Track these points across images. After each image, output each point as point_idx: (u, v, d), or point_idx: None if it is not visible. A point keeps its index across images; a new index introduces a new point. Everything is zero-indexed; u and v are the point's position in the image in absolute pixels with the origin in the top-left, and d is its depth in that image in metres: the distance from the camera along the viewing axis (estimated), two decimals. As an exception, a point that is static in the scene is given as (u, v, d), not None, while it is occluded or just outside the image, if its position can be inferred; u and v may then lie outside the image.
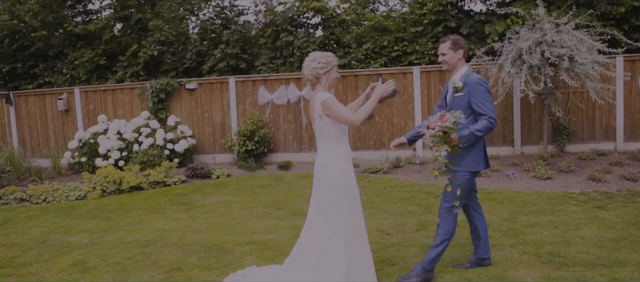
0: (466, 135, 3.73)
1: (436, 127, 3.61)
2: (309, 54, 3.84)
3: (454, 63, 3.98)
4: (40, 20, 11.69)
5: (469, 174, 3.93)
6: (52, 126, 11.45)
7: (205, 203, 7.31)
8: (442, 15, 10.37)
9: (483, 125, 3.74)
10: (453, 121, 3.59)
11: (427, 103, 9.93)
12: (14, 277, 4.77)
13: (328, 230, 3.75)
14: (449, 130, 3.61)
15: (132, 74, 11.84)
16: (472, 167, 3.93)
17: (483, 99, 3.79)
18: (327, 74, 3.77)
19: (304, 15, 11.42)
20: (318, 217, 3.84)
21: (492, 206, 6.20)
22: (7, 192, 8.12)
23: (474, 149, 3.91)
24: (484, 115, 3.76)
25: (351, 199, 3.81)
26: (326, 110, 3.69)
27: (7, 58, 12.29)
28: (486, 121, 3.75)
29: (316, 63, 3.75)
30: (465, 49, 3.96)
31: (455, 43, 3.95)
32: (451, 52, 3.94)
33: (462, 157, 3.85)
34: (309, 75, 3.78)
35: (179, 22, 11.72)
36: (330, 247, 3.74)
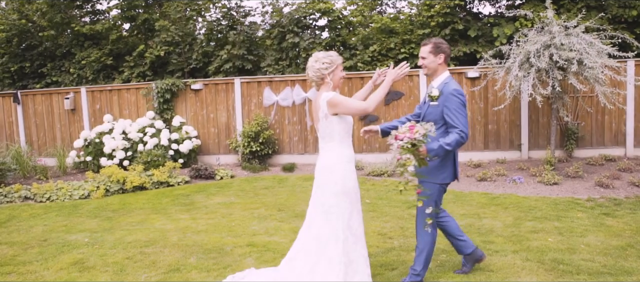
0: (435, 149, 3.57)
1: (405, 139, 3.44)
2: (313, 55, 3.77)
3: (434, 68, 3.81)
4: (48, 20, 11.76)
5: (437, 186, 3.80)
6: (59, 125, 11.50)
7: (208, 204, 7.28)
8: (449, 17, 10.28)
9: (453, 139, 3.57)
10: (423, 133, 3.44)
11: (433, 106, 9.81)
12: (13, 275, 4.76)
13: (326, 232, 3.69)
14: (418, 143, 3.45)
15: (139, 74, 11.87)
16: (440, 180, 3.80)
17: (456, 111, 3.62)
18: (332, 73, 3.71)
19: (310, 17, 11.39)
20: (317, 219, 3.78)
21: (496, 211, 6.10)
22: (12, 190, 8.16)
23: (443, 160, 3.77)
24: (455, 128, 3.60)
25: (352, 202, 3.74)
26: (334, 107, 3.61)
27: (16, 57, 12.38)
28: (457, 135, 3.58)
29: (320, 63, 3.69)
30: (446, 53, 3.80)
31: (436, 47, 3.80)
32: (431, 57, 3.79)
33: (430, 168, 3.73)
34: (314, 76, 3.72)
35: (185, 22, 11.72)
36: (328, 250, 3.67)
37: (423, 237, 3.86)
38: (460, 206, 6.42)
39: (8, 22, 11.79)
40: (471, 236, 5.12)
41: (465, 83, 9.65)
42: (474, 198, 6.78)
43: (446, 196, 6.90)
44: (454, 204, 6.50)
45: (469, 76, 9.53)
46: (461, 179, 8.10)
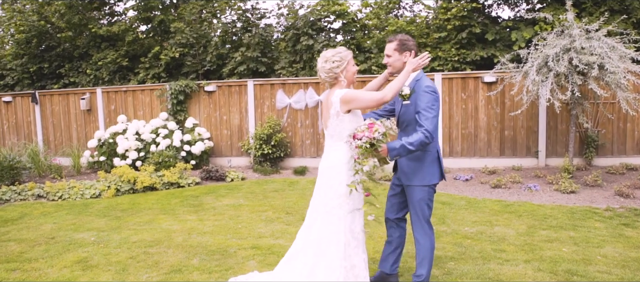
0: (396, 149, 3.37)
1: (363, 138, 3.28)
2: (320, 55, 3.62)
3: (399, 67, 3.62)
4: (66, 21, 11.92)
5: (427, 188, 3.62)
6: (75, 125, 11.63)
7: (216, 205, 7.22)
8: (466, 20, 10.08)
9: (417, 139, 3.35)
10: (382, 132, 3.28)
11: (448, 111, 9.64)
12: (18, 272, 4.76)
13: (327, 235, 3.57)
14: (377, 143, 3.28)
15: (154, 75, 11.94)
16: (427, 181, 3.60)
17: (427, 109, 3.39)
18: (345, 70, 3.58)
19: (325, 19, 11.32)
20: (318, 221, 3.67)
21: (509, 218, 5.90)
22: (26, 188, 8.24)
23: (427, 161, 3.59)
24: (421, 127, 3.37)
25: (355, 205, 3.62)
26: (348, 103, 3.46)
27: (35, 58, 12.59)
28: (421, 135, 3.35)
29: (330, 63, 3.55)
30: (413, 50, 3.61)
31: (402, 44, 3.60)
32: (396, 54, 3.61)
33: (414, 171, 3.58)
34: (327, 77, 3.58)
35: (200, 24, 11.76)
36: (328, 253, 3.56)
37: (422, 244, 3.67)
38: (472, 212, 6.24)
39: (27, 24, 11.99)
40: (482, 244, 4.96)
41: (482, 87, 9.45)
42: (487, 205, 6.58)
43: (457, 202, 6.78)
44: (465, 211, 6.31)
45: (486, 81, 9.32)
46: (475, 186, 7.90)
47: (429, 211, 3.64)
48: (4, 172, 8.83)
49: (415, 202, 3.61)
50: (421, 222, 3.62)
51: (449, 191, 7.65)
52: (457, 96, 9.60)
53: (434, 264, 4.45)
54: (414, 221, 3.68)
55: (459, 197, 7.15)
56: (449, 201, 6.87)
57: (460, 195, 7.30)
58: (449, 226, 5.64)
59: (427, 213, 3.63)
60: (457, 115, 9.63)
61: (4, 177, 8.85)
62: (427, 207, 3.63)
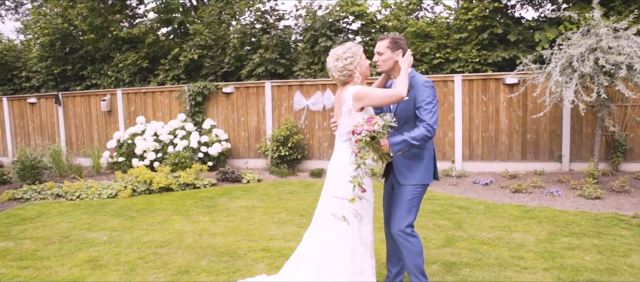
0: (399, 143, 3.28)
1: (363, 132, 3.16)
2: (330, 54, 3.50)
3: (390, 65, 3.51)
4: (88, 24, 12.12)
5: (420, 187, 3.49)
6: (96, 126, 11.80)
7: (230, 207, 7.18)
8: (488, 21, 9.84)
9: (419, 133, 3.27)
10: (382, 124, 3.16)
11: (468, 113, 9.41)
12: (30, 270, 4.79)
13: (334, 238, 3.45)
14: (378, 136, 3.16)
15: (173, 77, 12.03)
16: (424, 180, 3.48)
17: (428, 104, 3.32)
18: (358, 66, 3.45)
19: (343, 20, 11.22)
20: (325, 223, 3.55)
21: (529, 224, 5.67)
22: (46, 187, 8.36)
23: (424, 160, 3.46)
24: (423, 121, 3.30)
25: (365, 208, 3.48)
26: (360, 100, 3.33)
27: (59, 60, 12.84)
28: (424, 129, 3.28)
29: (343, 60, 3.42)
30: (405, 49, 3.49)
31: (394, 42, 3.49)
32: (389, 52, 3.48)
33: (412, 170, 3.45)
34: (341, 76, 3.44)
35: (218, 26, 11.80)
36: (334, 257, 3.44)
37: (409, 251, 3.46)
38: (490, 217, 6.03)
39: (51, 27, 12.24)
40: (499, 250, 4.76)
41: (503, 89, 9.19)
42: (506, 210, 6.35)
43: (475, 206, 6.57)
44: (483, 216, 6.11)
45: (507, 82, 9.06)
46: (494, 190, 7.66)
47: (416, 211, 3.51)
48: (25, 172, 8.99)
49: (405, 202, 3.46)
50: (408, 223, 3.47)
51: (467, 195, 7.43)
52: (478, 98, 9.36)
53: (448, 271, 4.29)
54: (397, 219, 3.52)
55: (477, 201, 6.94)
56: (466, 206, 6.67)
57: (479, 199, 7.09)
58: (466, 231, 5.45)
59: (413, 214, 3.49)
60: (478, 118, 9.39)
61: (26, 177, 9.01)
62: (416, 208, 3.50)
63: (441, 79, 9.57)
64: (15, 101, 12.59)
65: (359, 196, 3.30)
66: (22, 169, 8.96)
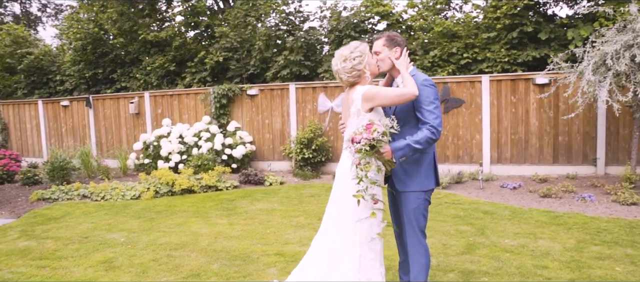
0: (401, 148, 3.08)
1: (362, 141, 2.97)
2: (335, 56, 3.35)
3: (388, 64, 3.32)
4: (117, 28, 12.38)
5: (423, 194, 3.27)
6: (125, 128, 12.03)
7: (249, 210, 7.13)
8: (518, 19, 9.48)
9: (423, 136, 3.06)
10: (382, 132, 2.96)
11: (496, 115, 9.08)
12: (47, 269, 4.85)
13: (341, 245, 3.31)
14: (378, 144, 2.97)
15: (200, 79, 12.14)
16: (425, 186, 3.26)
17: (429, 104, 3.11)
18: (368, 65, 3.31)
19: (368, 21, 11.06)
20: (332, 229, 3.42)
21: (556, 231, 5.37)
22: (73, 188, 8.54)
23: (423, 164, 3.24)
24: (426, 123, 3.09)
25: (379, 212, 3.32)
26: (370, 100, 3.18)
27: (90, 64, 13.17)
28: (427, 131, 3.06)
29: (351, 61, 3.26)
30: (402, 46, 3.31)
31: (390, 39, 3.31)
32: (386, 50, 3.31)
33: (409, 175, 3.24)
34: (350, 77, 3.29)
35: (244, 28, 11.84)
36: (341, 264, 3.30)
37: (417, 260, 3.29)
38: (515, 223, 5.75)
39: (83, 31, 12.57)
40: (522, 259, 4.52)
41: (533, 90, 8.83)
42: (533, 216, 6.05)
43: (501, 212, 6.29)
44: (508, 222, 5.83)
45: (537, 83, 8.70)
46: (522, 195, 7.33)
47: (424, 221, 3.29)
48: (55, 173, 9.23)
49: (410, 211, 3.27)
50: (416, 233, 3.27)
51: (493, 199, 7.14)
52: (506, 99, 9.02)
53: (466, 280, 4.09)
54: (408, 233, 3.32)
55: (503, 206, 6.65)
56: (491, 210, 6.39)
57: (505, 204, 6.79)
58: (488, 238, 5.21)
59: (422, 223, 3.28)
60: (506, 120, 9.05)
61: (55, 178, 9.25)
62: (423, 216, 3.28)
63: (468, 80, 9.28)
64: (50, 104, 12.99)
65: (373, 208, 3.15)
66: (52, 170, 9.20)
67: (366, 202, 3.23)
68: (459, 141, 9.37)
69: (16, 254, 5.36)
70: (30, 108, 13.23)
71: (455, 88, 9.33)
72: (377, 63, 3.37)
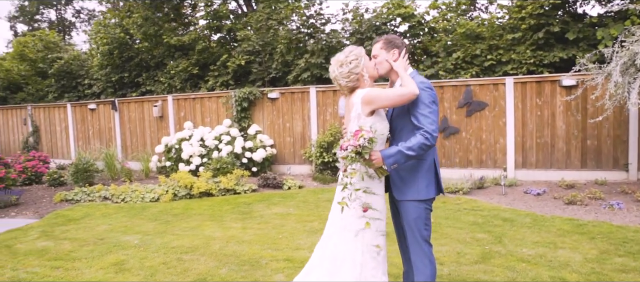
0: (392, 155, 2.92)
1: (348, 148, 2.86)
2: (331, 63, 3.28)
3: (387, 68, 3.18)
4: (142, 33, 12.61)
5: (422, 203, 3.08)
6: (149, 131, 12.22)
7: (264, 214, 7.09)
8: (544, 18, 9.15)
9: (416, 142, 2.89)
10: (368, 138, 2.85)
11: (521, 118, 8.78)
12: (60, 270, 4.92)
13: (343, 252, 3.21)
14: (363, 151, 2.85)
15: (222, 83, 12.22)
16: (422, 195, 3.07)
17: (424, 107, 2.94)
18: (365, 68, 3.20)
19: (390, 23, 10.90)
20: (334, 236, 3.32)
21: (578, 241, 5.11)
22: (95, 190, 8.71)
23: (420, 171, 3.06)
24: (420, 128, 2.91)
25: (375, 222, 3.21)
26: (370, 104, 3.07)
27: (117, 68, 13.46)
28: (421, 137, 2.89)
29: (347, 66, 3.18)
30: (401, 48, 3.16)
31: (388, 42, 3.18)
32: (383, 53, 3.17)
33: (406, 183, 3.09)
34: (348, 82, 3.20)
35: (266, 32, 11.87)
36: (342, 272, 3.19)
37: (422, 271, 3.14)
38: (535, 231, 5.51)
39: (110, 36, 12.85)
40: (538, 270, 4.31)
41: (559, 92, 8.50)
42: (555, 224, 5.79)
43: (521, 219, 6.05)
44: (528, 230, 5.59)
45: (564, 84, 8.37)
46: (546, 201, 7.04)
47: (427, 230, 3.12)
48: (78, 175, 9.43)
49: (411, 221, 3.11)
50: (419, 243, 3.11)
51: (515, 206, 6.89)
52: (532, 102, 8.72)
53: (476, 290, 3.92)
54: (410, 243, 3.17)
55: (524, 213, 6.39)
56: (511, 217, 6.16)
57: (527, 211, 6.53)
58: (505, 246, 5.00)
59: (425, 232, 3.11)
60: (531, 123, 8.74)
61: (79, 179, 9.45)
62: (425, 226, 3.11)
63: (491, 82, 9.01)
64: (78, 107, 13.33)
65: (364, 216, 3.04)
66: (76, 172, 9.40)
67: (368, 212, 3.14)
68: (482, 145, 9.11)
69: (34, 254, 5.47)
70: (60, 111, 13.62)
71: (478, 91, 9.08)
72: (376, 66, 3.27)
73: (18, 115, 14.43)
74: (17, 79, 15.53)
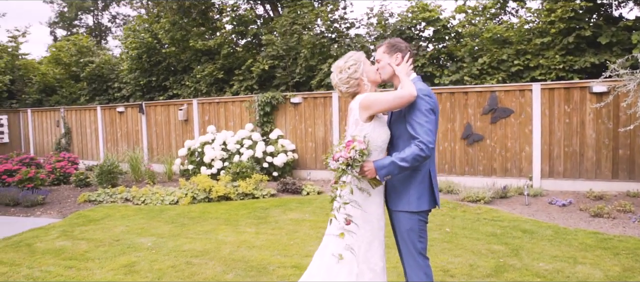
0: (386, 166, 2.80)
1: (340, 159, 2.77)
2: (332, 69, 3.21)
3: (389, 73, 3.04)
4: (170, 38, 12.84)
5: (414, 215, 2.93)
6: (174, 134, 12.41)
7: (280, 219, 7.05)
8: (574, 22, 8.81)
9: (410, 153, 2.74)
10: (359, 149, 2.74)
11: (548, 125, 8.46)
12: (73, 270, 5.01)
13: (336, 261, 3.12)
14: (353, 163, 2.74)
15: (247, 87, 12.30)
16: (413, 206, 2.92)
17: (420, 116, 2.79)
18: (364, 72, 3.12)
19: (415, 27, 10.73)
20: (330, 245, 3.23)
21: (601, 256, 4.83)
22: (117, 191, 8.87)
23: (414, 182, 2.91)
24: (415, 138, 2.77)
25: (373, 230, 3.09)
26: (368, 108, 2.97)
27: (145, 72, 13.75)
28: (416, 148, 2.74)
29: (346, 71, 3.10)
30: (404, 52, 3.01)
31: (391, 46, 3.04)
32: (386, 57, 3.04)
33: (398, 193, 2.95)
34: (349, 88, 3.13)
35: (290, 36, 11.88)
36: None
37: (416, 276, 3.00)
38: (555, 245, 5.25)
39: (138, 41, 13.15)
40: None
41: (589, 99, 8.14)
42: (578, 237, 5.50)
43: (542, 231, 5.79)
44: (548, 243, 5.34)
45: (594, 91, 8.01)
46: (571, 213, 6.73)
47: (421, 243, 2.97)
48: (103, 176, 9.64)
49: (404, 232, 2.98)
50: (413, 255, 2.97)
51: (537, 217, 6.60)
52: (560, 109, 8.38)
53: (485, 305, 3.75)
54: (404, 255, 3.04)
55: (546, 225, 6.12)
56: (532, 229, 5.90)
57: (549, 222, 6.25)
58: (521, 260, 4.78)
59: (419, 245, 2.96)
60: (559, 131, 8.40)
61: (103, 181, 9.66)
62: (419, 238, 2.96)
63: (517, 88, 8.72)
64: (107, 110, 13.68)
65: (346, 229, 2.95)
66: (100, 173, 9.61)
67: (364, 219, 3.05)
68: (507, 153, 8.81)
69: (51, 253, 5.59)
70: (90, 114, 14.01)
71: (503, 97, 8.81)
72: (379, 71, 3.16)
73: (52, 118, 14.93)
74: (52, 82, 16.08)
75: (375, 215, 3.10)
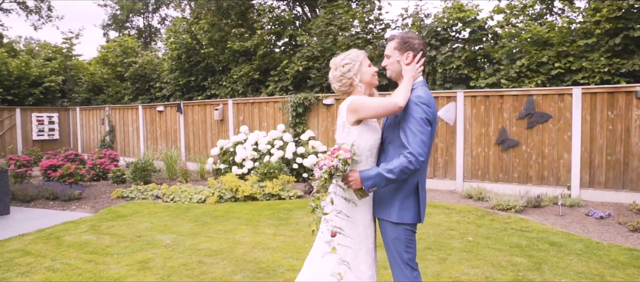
0: (371, 177, 2.63)
1: (323, 167, 2.63)
2: (331, 65, 3.12)
3: (398, 70, 2.83)
4: (208, 38, 13.09)
5: (401, 227, 2.75)
6: (210, 133, 12.64)
7: (300, 221, 6.99)
8: (622, 22, 8.25)
9: (398, 165, 2.57)
10: (343, 158, 2.59)
11: (589, 132, 7.96)
12: (92, 264, 5.15)
13: (324, 269, 3.00)
14: (335, 173, 2.60)
15: (282, 88, 12.35)
16: (395, 217, 2.75)
17: (413, 125, 2.61)
18: (359, 73, 3.00)
19: (453, 28, 10.40)
20: (318, 252, 3.13)
21: (633, 275, 4.45)
22: (148, 189, 9.11)
23: (400, 194, 2.73)
24: (406, 148, 2.59)
25: (360, 238, 2.94)
26: (355, 112, 2.85)
27: (185, 72, 14.10)
28: (404, 159, 2.57)
29: (340, 68, 3.00)
30: (416, 51, 2.79)
31: (403, 42, 2.81)
32: (397, 54, 2.82)
33: (383, 202, 2.79)
34: (342, 87, 3.03)
35: (325, 37, 11.82)
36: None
37: None
38: (583, 260, 4.90)
39: (178, 41, 13.50)
40: None
41: (636, 104, 7.59)
42: (611, 253, 5.11)
43: (572, 244, 5.42)
44: (576, 258, 4.99)
45: (641, 96, 7.47)
46: (608, 226, 6.27)
47: (408, 253, 2.79)
48: (136, 173, 9.93)
49: (389, 242, 2.81)
50: (399, 265, 2.79)
51: (570, 229, 6.20)
52: (602, 115, 7.87)
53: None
54: (391, 264, 2.88)
55: (578, 238, 5.73)
56: (561, 242, 5.54)
57: (581, 236, 5.85)
58: (542, 275, 4.49)
59: (405, 255, 2.78)
60: (601, 138, 7.88)
61: (137, 178, 9.94)
62: (406, 248, 2.78)
63: (556, 92, 8.26)
64: (148, 109, 14.12)
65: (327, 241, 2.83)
66: (134, 170, 9.91)
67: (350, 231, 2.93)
68: (544, 160, 8.37)
69: (75, 247, 5.78)
70: (132, 112, 14.51)
71: (540, 101, 8.37)
72: (388, 67, 3.01)
73: (97, 116, 15.59)
74: (99, 81, 16.81)
75: (361, 222, 2.96)
